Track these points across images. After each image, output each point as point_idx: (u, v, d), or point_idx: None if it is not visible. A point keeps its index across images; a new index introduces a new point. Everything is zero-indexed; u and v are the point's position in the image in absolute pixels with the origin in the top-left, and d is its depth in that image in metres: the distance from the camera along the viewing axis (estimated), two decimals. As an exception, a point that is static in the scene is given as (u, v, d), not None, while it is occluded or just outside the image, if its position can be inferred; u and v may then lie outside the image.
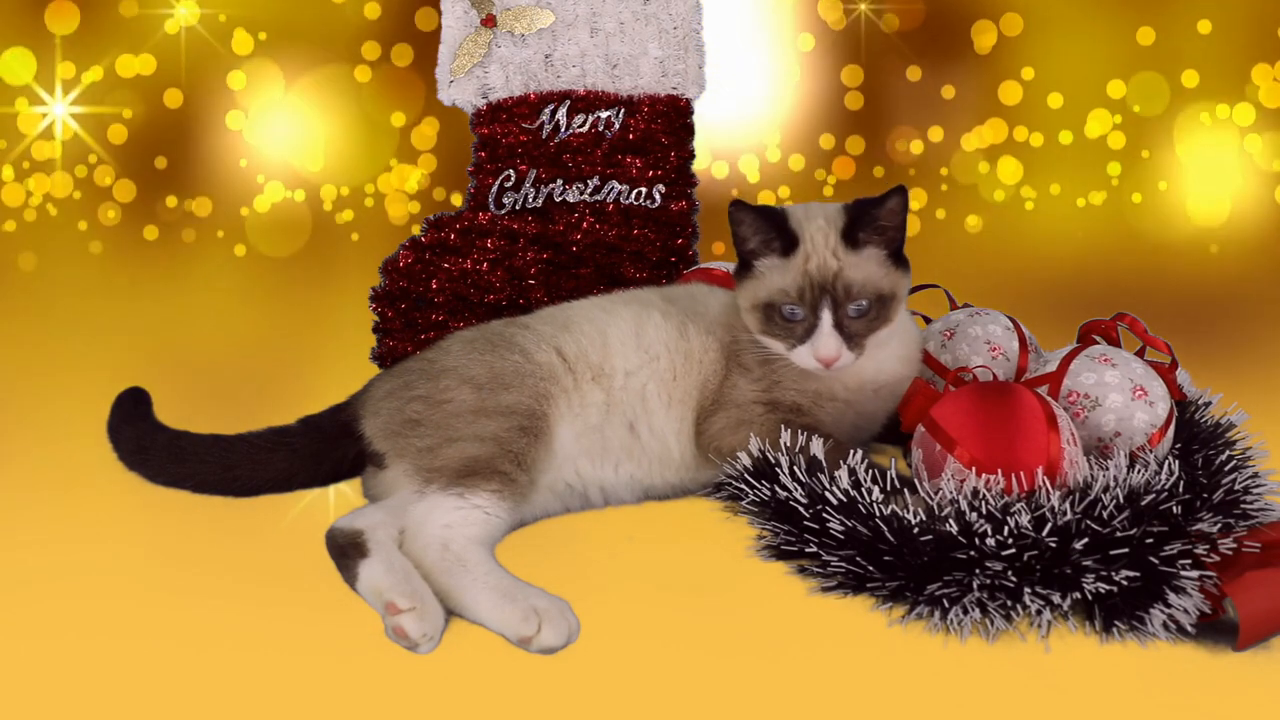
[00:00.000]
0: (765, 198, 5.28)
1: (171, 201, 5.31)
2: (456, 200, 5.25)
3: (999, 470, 2.38)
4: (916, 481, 2.49)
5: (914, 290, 2.82)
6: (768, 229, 2.70)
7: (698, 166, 3.72)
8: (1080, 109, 5.28)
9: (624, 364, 2.77)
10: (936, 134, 5.33)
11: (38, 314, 4.80)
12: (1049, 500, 2.31)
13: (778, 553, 2.47)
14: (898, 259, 2.71)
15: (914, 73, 5.28)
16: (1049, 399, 2.53)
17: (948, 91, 5.32)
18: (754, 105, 5.33)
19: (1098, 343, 2.86)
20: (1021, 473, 2.38)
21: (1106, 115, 5.27)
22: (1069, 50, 5.27)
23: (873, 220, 2.67)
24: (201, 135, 5.33)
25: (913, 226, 5.06)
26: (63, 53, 5.20)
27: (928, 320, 3.18)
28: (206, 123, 5.32)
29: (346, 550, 2.37)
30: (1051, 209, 5.34)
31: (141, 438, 2.83)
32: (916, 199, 5.28)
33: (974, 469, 2.40)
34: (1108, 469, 2.41)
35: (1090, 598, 2.20)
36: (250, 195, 5.29)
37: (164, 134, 5.32)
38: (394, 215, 5.35)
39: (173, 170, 5.33)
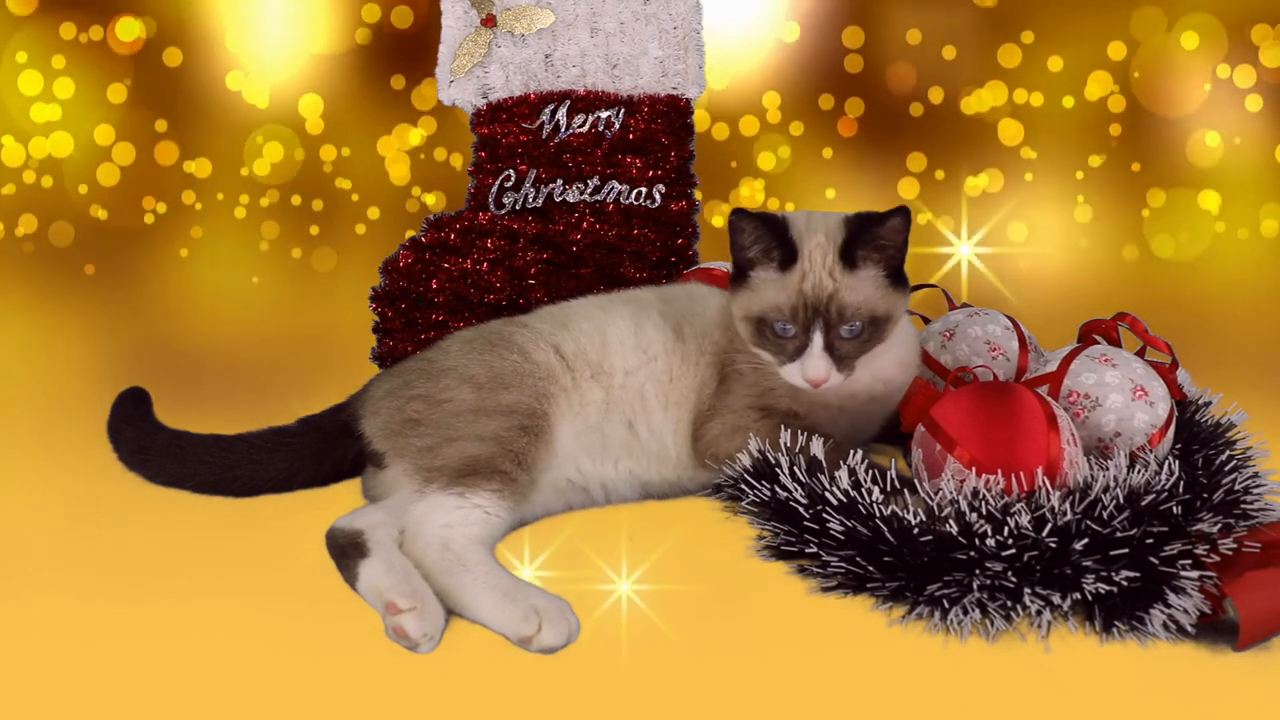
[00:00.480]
0: (765, 160, 5.25)
1: (169, 158, 5.29)
2: (457, 162, 5.23)
3: (999, 470, 2.38)
4: (916, 482, 2.49)
5: (913, 289, 2.80)
6: (768, 238, 2.67)
7: (698, 128, 3.72)
8: (1080, 72, 5.26)
9: (623, 363, 2.77)
10: (937, 95, 5.29)
11: (37, 285, 4.80)
12: (1049, 500, 2.31)
13: (778, 553, 2.47)
14: (897, 278, 2.69)
15: (914, 36, 5.25)
16: (1049, 399, 2.52)
17: (948, 52, 5.28)
18: (753, 66, 5.30)
19: (1098, 342, 2.85)
20: (1021, 473, 2.38)
21: (1107, 78, 5.23)
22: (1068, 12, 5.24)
23: (873, 239, 2.64)
24: (201, 96, 5.30)
25: (911, 189, 5.12)
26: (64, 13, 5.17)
27: (926, 321, 3.18)
28: (207, 84, 5.29)
29: (346, 550, 2.38)
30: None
31: (141, 438, 2.83)
32: (915, 162, 5.27)
33: (974, 469, 2.40)
34: (1108, 469, 2.41)
35: (1090, 598, 2.20)
36: (250, 157, 5.27)
37: (163, 94, 5.29)
38: (395, 176, 5.32)
39: (173, 131, 5.31)
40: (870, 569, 2.30)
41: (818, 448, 2.57)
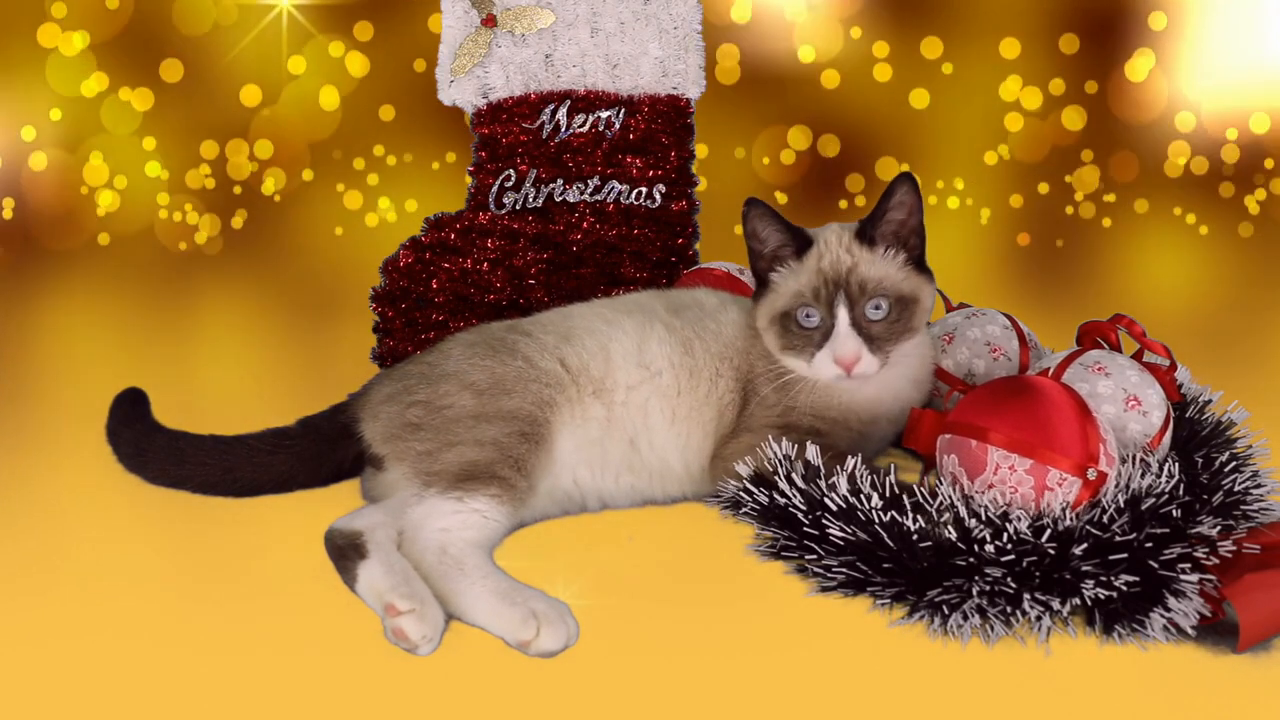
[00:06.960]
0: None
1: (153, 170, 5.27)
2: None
3: (1040, 444, 2.34)
4: (915, 487, 2.44)
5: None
6: (784, 229, 2.70)
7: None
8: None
9: (625, 379, 2.74)
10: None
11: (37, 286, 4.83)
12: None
13: (777, 553, 2.47)
14: (919, 266, 2.70)
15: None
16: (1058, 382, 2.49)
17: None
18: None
19: (1099, 345, 2.83)
20: (1061, 455, 2.34)
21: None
22: None
23: (883, 213, 2.66)
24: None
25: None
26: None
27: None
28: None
29: (345, 551, 2.38)
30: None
31: (140, 440, 2.82)
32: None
33: (1014, 450, 2.36)
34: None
35: (1090, 603, 2.19)
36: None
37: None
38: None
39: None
40: (870, 574, 2.30)
41: (814, 454, 2.55)
